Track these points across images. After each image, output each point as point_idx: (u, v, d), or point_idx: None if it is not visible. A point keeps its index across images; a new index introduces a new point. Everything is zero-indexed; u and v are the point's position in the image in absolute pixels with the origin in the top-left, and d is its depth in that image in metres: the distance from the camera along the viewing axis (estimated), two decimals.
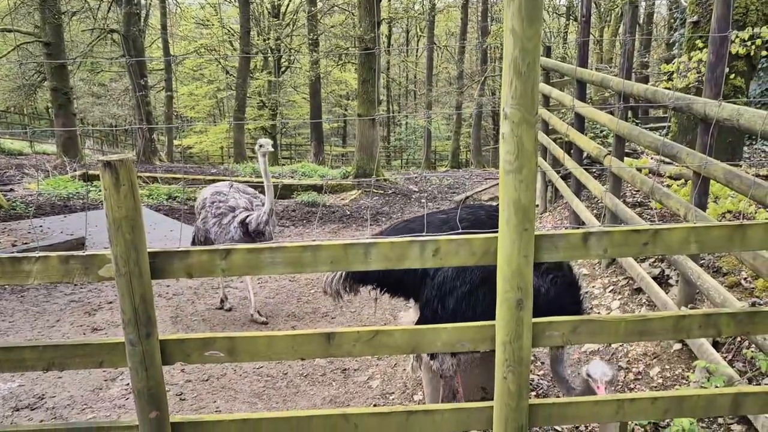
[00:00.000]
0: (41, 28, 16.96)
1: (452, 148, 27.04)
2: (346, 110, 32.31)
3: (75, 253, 2.31)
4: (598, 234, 2.37)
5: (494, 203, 11.00)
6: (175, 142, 27.78)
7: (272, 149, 5.83)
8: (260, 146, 5.79)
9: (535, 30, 2.10)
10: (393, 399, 4.45)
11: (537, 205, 8.86)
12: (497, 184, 12.53)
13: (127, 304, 2.30)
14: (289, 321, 6.06)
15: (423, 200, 12.75)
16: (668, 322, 2.47)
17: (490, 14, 27.74)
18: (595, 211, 7.23)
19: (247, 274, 2.44)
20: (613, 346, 4.70)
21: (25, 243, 8.02)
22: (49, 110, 26.32)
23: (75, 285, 6.94)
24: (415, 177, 15.86)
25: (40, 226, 9.16)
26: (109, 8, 21.17)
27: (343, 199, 12.72)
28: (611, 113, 6.38)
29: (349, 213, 11.39)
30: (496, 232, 2.30)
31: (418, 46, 36.95)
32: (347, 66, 27.77)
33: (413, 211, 11.42)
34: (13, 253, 3.16)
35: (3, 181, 13.34)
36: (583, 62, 8.03)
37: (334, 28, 24.46)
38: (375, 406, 4.36)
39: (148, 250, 2.30)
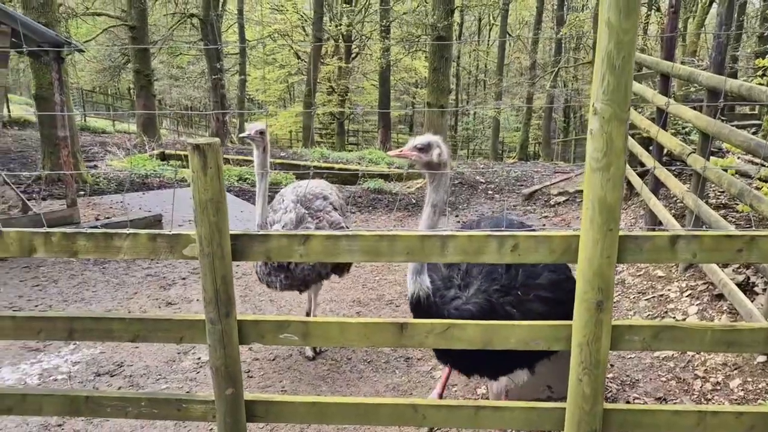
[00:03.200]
0: (127, 12, 17.74)
1: (521, 139, 26.53)
2: (414, 98, 32.20)
3: (162, 232, 2.40)
4: (687, 238, 2.26)
5: (561, 198, 10.66)
6: (246, 125, 28.48)
7: (251, 135, 3.94)
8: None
9: (632, 22, 2.01)
10: (455, 391, 4.43)
11: None
12: (567, 178, 12.12)
13: (209, 283, 2.38)
14: (353, 306, 6.12)
15: (489, 191, 12.56)
16: (760, 334, 2.33)
17: (566, 3, 26.90)
18: (672, 211, 6.91)
19: (324, 260, 2.47)
20: (690, 352, 4.50)
21: (107, 218, 8.46)
22: (131, 91, 27.55)
23: (152, 260, 7.26)
24: (482, 168, 15.63)
25: (120, 201, 9.63)
26: None
27: (408, 187, 12.70)
28: (698, 109, 6.05)
29: (414, 201, 11.37)
30: None
31: (489, 34, 36.25)
32: (417, 54, 27.61)
33: (479, 202, 11.28)
34: (97, 227, 3.32)
35: (88, 158, 14.08)
36: (669, 55, 7.66)
37: (407, 15, 24.31)
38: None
39: (230, 232, 2.37)
